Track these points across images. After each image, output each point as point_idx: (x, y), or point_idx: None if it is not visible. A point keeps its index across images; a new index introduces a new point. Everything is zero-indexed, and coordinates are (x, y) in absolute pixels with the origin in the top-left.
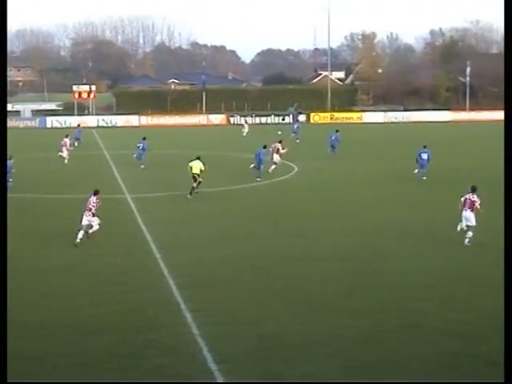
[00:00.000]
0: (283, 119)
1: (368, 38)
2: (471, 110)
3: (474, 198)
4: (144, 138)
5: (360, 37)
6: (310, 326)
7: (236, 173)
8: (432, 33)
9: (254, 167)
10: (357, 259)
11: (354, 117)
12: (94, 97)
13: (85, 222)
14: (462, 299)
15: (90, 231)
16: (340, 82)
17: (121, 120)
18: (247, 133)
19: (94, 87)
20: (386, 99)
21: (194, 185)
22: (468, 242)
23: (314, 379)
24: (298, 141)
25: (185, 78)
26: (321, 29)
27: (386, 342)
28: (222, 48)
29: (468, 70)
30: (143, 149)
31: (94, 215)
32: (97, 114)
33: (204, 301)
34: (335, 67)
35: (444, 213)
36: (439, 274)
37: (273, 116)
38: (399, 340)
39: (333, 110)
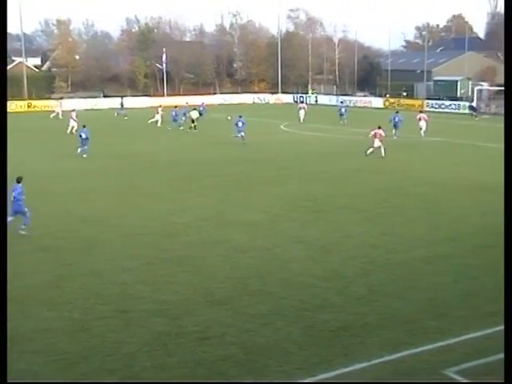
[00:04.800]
0: None
1: (63, 24)
2: (169, 95)
3: (381, 131)
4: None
5: (55, 22)
6: (16, 322)
7: None
8: (128, 20)
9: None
10: (60, 249)
11: (53, 105)
12: None
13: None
14: (170, 280)
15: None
16: (36, 69)
17: None
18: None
19: None
20: (85, 86)
21: (192, 125)
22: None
23: (30, 376)
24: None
25: None
26: (12, 13)
27: (95, 330)
28: None
29: (164, 56)
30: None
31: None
32: None
33: None
34: (30, 53)
35: (143, 198)
36: (147, 257)
37: None
38: (109, 326)
39: (30, 97)
